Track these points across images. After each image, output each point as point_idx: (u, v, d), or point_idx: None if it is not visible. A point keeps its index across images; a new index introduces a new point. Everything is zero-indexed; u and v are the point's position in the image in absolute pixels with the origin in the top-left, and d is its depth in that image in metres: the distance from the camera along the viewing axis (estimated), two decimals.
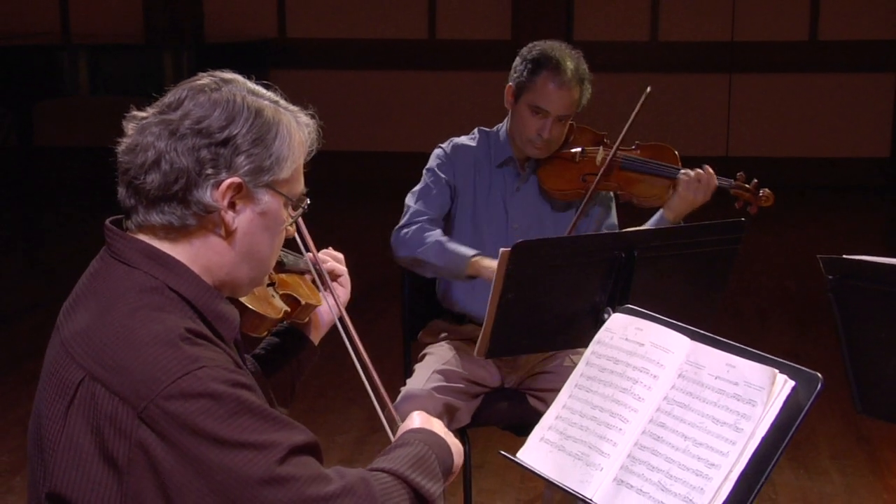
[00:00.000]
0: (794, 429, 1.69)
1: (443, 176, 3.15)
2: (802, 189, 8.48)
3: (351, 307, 2.15)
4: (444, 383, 3.01)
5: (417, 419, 1.82)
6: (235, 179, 1.59)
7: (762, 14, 8.54)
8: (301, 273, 2.05)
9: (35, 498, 1.60)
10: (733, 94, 8.64)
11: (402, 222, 3.09)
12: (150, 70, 7.70)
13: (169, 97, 1.64)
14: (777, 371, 1.72)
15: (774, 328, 5.58)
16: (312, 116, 1.74)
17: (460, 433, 3.09)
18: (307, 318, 2.08)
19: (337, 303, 2.05)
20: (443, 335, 3.24)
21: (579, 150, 3.20)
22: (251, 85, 1.68)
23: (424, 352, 3.22)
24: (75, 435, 1.51)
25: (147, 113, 1.64)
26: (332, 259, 2.12)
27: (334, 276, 2.11)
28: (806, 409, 1.69)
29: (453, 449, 1.79)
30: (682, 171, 3.10)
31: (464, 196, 3.18)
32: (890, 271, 2.03)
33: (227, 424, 1.47)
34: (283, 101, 1.70)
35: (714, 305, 2.75)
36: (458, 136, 3.28)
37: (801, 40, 8.56)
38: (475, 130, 3.27)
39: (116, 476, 1.49)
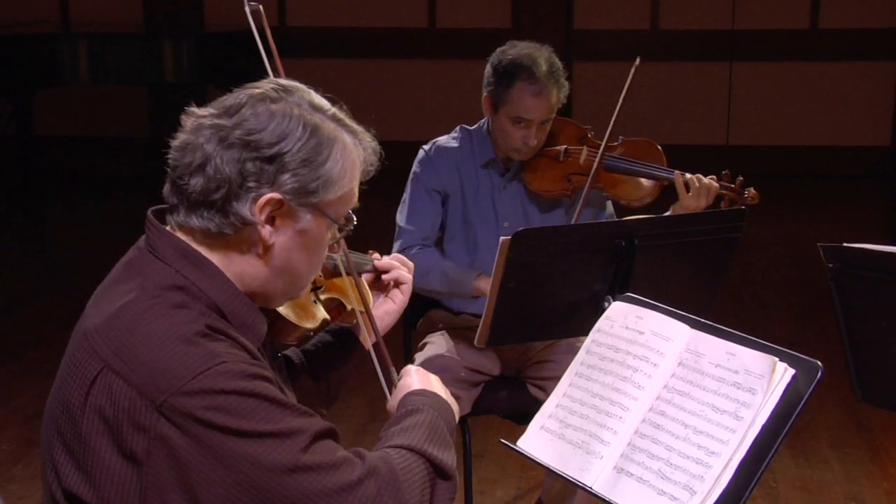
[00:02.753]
0: (794, 417, 1.69)
1: (428, 184, 3.15)
2: (803, 178, 8.48)
3: None
4: (444, 372, 3.01)
5: (416, 378, 1.82)
6: (276, 195, 1.56)
7: (763, 2, 8.53)
8: (360, 273, 1.99)
9: (49, 494, 1.59)
10: (734, 82, 8.63)
11: (396, 247, 3.12)
12: (150, 59, 7.68)
13: (229, 100, 1.61)
14: (777, 359, 1.72)
15: (775, 316, 5.58)
16: (374, 138, 1.70)
17: (460, 422, 3.09)
18: (355, 321, 2.02)
19: (377, 331, 1.98)
20: (442, 324, 3.25)
21: (563, 149, 3.16)
22: (315, 98, 1.64)
23: (424, 341, 3.22)
24: (93, 427, 1.50)
25: (205, 112, 1.61)
26: (398, 265, 2.08)
27: (398, 283, 2.08)
28: (806, 397, 1.69)
29: (453, 407, 1.82)
30: (685, 177, 3.02)
31: (453, 197, 3.18)
32: (890, 259, 2.03)
33: (249, 417, 1.46)
34: (346, 120, 1.65)
35: (714, 294, 2.75)
36: (461, 123, 3.27)
37: (802, 28, 8.54)
38: (458, 129, 3.25)
39: (135, 468, 1.48)
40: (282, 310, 1.78)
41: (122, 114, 8.76)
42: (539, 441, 1.96)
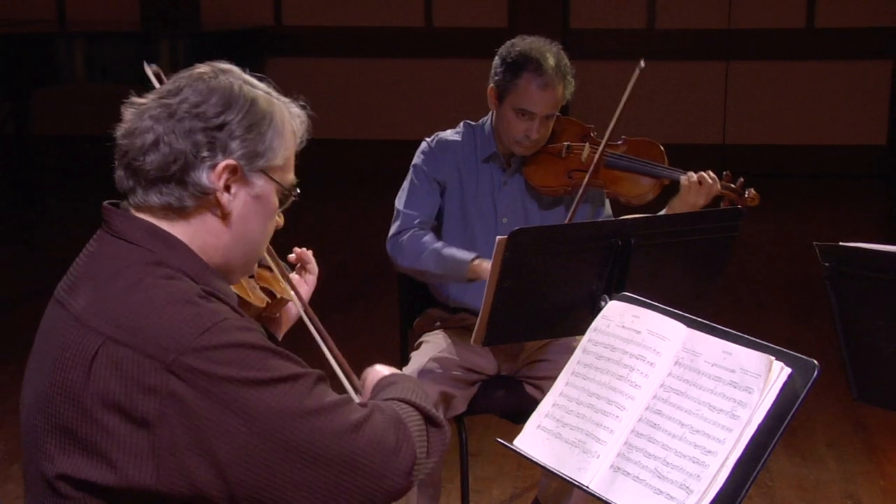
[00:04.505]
0: (790, 416, 1.69)
1: (428, 172, 3.15)
2: (799, 176, 8.48)
3: (348, 295, 2.15)
4: (441, 371, 3.02)
5: (383, 369, 1.90)
6: (231, 162, 1.64)
7: (759, 1, 8.53)
8: (267, 268, 2.08)
9: (37, 484, 1.60)
10: (730, 81, 8.63)
11: (393, 229, 3.10)
12: (147, 58, 7.62)
13: (169, 84, 1.69)
14: (773, 358, 1.72)
15: (771, 315, 5.59)
16: (303, 107, 1.78)
17: (457, 421, 3.09)
18: (278, 314, 2.12)
19: (300, 297, 2.09)
20: (438, 323, 3.25)
21: (565, 145, 3.18)
22: (246, 76, 1.73)
23: (420, 340, 3.22)
24: (98, 402, 1.51)
25: (146, 99, 1.68)
26: (300, 250, 2.22)
27: (304, 265, 2.21)
28: (802, 396, 1.69)
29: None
30: (684, 174, 3.07)
31: (451, 191, 3.17)
32: (886, 258, 2.04)
33: (257, 367, 1.53)
34: (275, 93, 1.75)
35: (711, 293, 2.75)
36: (457, 122, 3.27)
37: (798, 27, 8.55)
38: (461, 124, 3.26)
39: (146, 432, 1.50)
40: (237, 290, 1.86)
41: (118, 113, 8.73)
42: (536, 440, 1.96)
